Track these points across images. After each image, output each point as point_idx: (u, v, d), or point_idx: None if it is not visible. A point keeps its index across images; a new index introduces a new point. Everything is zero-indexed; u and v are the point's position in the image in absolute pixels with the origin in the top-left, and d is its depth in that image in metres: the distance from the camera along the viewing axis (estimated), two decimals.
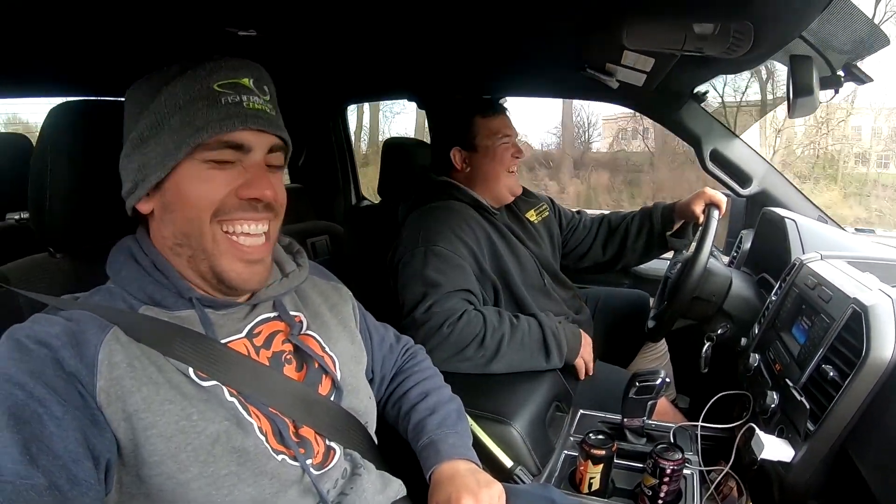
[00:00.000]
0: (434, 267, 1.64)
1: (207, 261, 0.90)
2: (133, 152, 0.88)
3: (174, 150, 0.85)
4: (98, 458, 0.74)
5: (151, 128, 0.86)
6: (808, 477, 1.09)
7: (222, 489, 0.82)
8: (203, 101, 0.85)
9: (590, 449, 1.32)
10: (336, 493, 0.97)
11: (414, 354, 1.34)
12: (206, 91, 0.86)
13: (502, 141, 1.83)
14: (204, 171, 0.87)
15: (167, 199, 0.88)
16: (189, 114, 0.85)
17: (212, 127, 0.85)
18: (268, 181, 0.90)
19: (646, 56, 1.49)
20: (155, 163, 0.86)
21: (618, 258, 2.17)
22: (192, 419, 0.81)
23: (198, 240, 0.88)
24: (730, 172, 2.21)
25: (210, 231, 0.88)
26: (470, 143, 1.84)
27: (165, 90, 0.86)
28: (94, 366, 0.77)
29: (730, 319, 1.75)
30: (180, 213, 0.88)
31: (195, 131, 0.84)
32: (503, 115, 1.87)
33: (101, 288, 0.92)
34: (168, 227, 0.90)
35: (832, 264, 1.37)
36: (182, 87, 0.86)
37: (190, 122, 0.84)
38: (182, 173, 0.86)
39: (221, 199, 0.87)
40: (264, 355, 0.96)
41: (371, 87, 2.81)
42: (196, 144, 0.84)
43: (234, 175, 0.89)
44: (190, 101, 0.85)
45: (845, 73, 1.50)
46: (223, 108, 0.86)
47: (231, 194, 0.88)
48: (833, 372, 1.08)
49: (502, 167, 1.85)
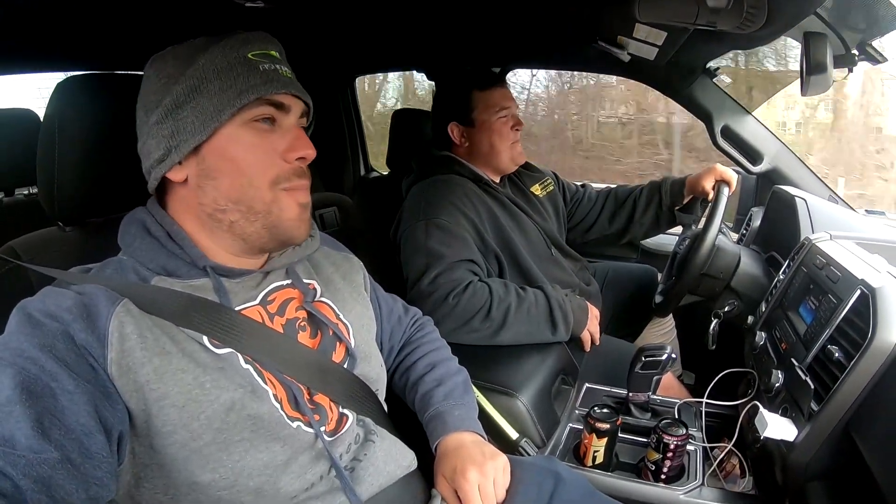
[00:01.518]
0: (437, 239, 1.64)
1: (260, 221, 0.92)
2: (165, 119, 0.88)
3: (215, 113, 0.86)
4: (110, 430, 0.75)
5: (189, 93, 0.87)
6: (811, 457, 1.09)
7: (234, 455, 0.83)
8: (242, 66, 0.88)
9: (594, 423, 1.34)
10: (349, 459, 0.99)
11: (422, 326, 1.35)
12: (242, 59, 0.89)
13: (500, 115, 1.82)
14: (248, 135, 0.89)
15: (208, 165, 0.89)
16: (230, 78, 0.87)
17: (255, 89, 0.87)
18: (308, 141, 0.95)
19: (658, 29, 1.48)
20: (193, 127, 0.87)
21: (624, 231, 2.17)
22: (206, 388, 0.82)
23: (252, 203, 0.91)
24: (741, 149, 2.20)
25: (270, 195, 0.91)
26: (467, 118, 1.83)
27: (203, 56, 0.88)
28: (105, 337, 0.78)
29: (737, 297, 1.75)
30: (228, 179, 0.90)
31: (238, 94, 0.87)
32: (501, 87, 1.86)
33: (112, 260, 0.92)
34: (208, 194, 0.90)
35: (841, 245, 1.37)
36: (220, 54, 0.88)
37: (231, 85, 0.87)
38: (225, 137, 0.88)
39: (274, 164, 0.91)
40: (278, 322, 0.97)
41: (380, 58, 2.78)
42: (241, 106, 0.87)
43: (276, 138, 0.92)
44: (229, 67, 0.87)
45: (860, 51, 1.48)
46: (262, 74, 0.89)
47: (279, 160, 0.92)
48: (839, 353, 1.09)
49: (502, 140, 1.84)
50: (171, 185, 0.93)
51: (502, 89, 1.85)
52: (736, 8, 1.15)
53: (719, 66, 2.11)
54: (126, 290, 0.84)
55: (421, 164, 1.92)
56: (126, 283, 0.87)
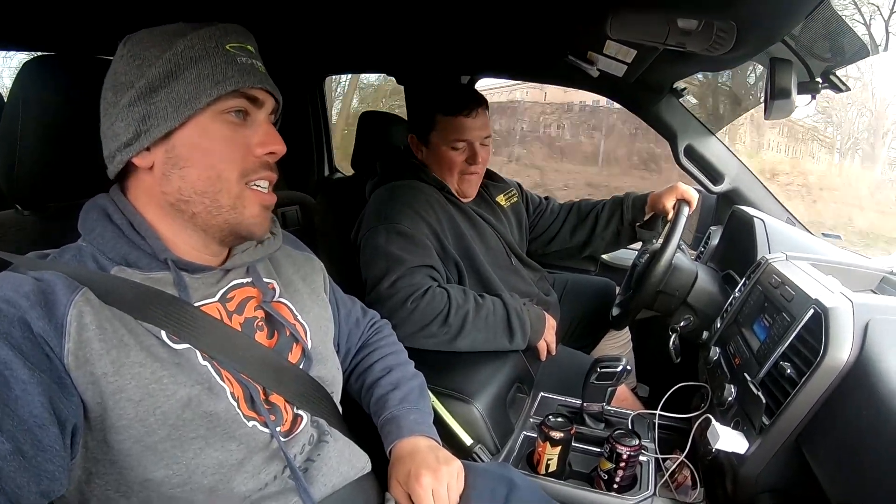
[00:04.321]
0: (397, 244, 1.64)
1: (224, 215, 0.91)
2: (137, 101, 0.85)
3: (190, 101, 0.85)
4: (64, 422, 0.72)
5: (164, 77, 0.84)
6: (761, 470, 1.11)
7: (188, 452, 0.81)
8: (220, 57, 0.87)
9: (549, 431, 1.34)
10: (303, 459, 0.97)
11: (380, 329, 1.35)
12: (220, 49, 0.87)
13: (454, 145, 1.77)
14: (220, 126, 0.88)
15: (178, 153, 0.87)
16: (207, 67, 0.85)
17: (231, 81, 0.86)
18: (279, 136, 0.95)
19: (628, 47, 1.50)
20: (165, 113, 0.85)
21: (585, 245, 2.18)
22: (163, 382, 0.79)
23: (217, 196, 0.90)
24: (703, 169, 2.24)
25: (237, 189, 0.91)
26: (425, 136, 1.81)
27: (181, 42, 0.85)
28: (63, 327, 0.75)
29: (693, 312, 1.78)
30: (197, 170, 0.88)
31: (214, 84, 0.85)
32: (468, 117, 1.75)
33: (71, 246, 0.89)
34: (174, 183, 0.88)
35: (796, 265, 1.40)
36: (199, 42, 0.86)
37: (209, 75, 0.85)
38: (197, 126, 0.87)
39: (244, 159, 0.91)
40: (237, 321, 0.95)
41: (350, 60, 2.76)
42: (217, 96, 0.85)
43: (248, 132, 0.91)
44: (206, 56, 0.86)
45: (823, 79, 1.53)
46: (240, 67, 0.88)
47: (249, 154, 0.91)
48: (790, 369, 1.11)
49: (450, 171, 1.82)
50: (134, 171, 0.90)
51: (469, 119, 1.75)
52: (706, 31, 1.18)
53: (686, 87, 2.15)
54: (85, 279, 0.81)
55: (385, 167, 1.91)
56: (85, 271, 0.84)
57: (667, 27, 1.21)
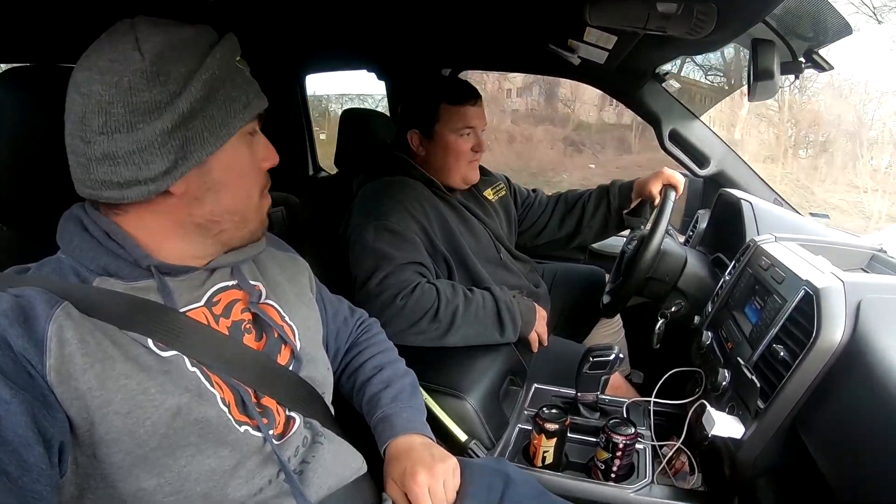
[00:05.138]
0: (386, 241, 1.62)
1: (248, 227, 0.95)
2: (177, 128, 0.80)
3: (224, 124, 0.84)
4: (50, 441, 0.70)
5: (202, 101, 0.81)
6: (758, 453, 1.11)
7: (180, 459, 0.80)
8: (239, 75, 0.87)
9: (543, 423, 1.34)
10: (297, 462, 0.96)
11: (369, 328, 1.33)
12: (235, 66, 0.87)
13: (462, 133, 1.78)
14: (244, 146, 0.90)
15: (213, 178, 0.87)
16: (234, 89, 0.85)
17: (255, 103, 0.88)
18: (273, 148, 0.97)
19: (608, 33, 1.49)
20: (202, 138, 0.83)
21: (574, 235, 2.17)
22: (150, 393, 0.78)
23: (246, 213, 0.93)
24: (688, 153, 2.23)
25: (258, 203, 0.95)
26: (429, 129, 1.79)
27: (209, 59, 0.83)
28: (44, 343, 0.72)
29: (684, 297, 1.78)
30: (231, 191, 0.89)
31: (244, 107, 0.86)
32: (473, 105, 1.78)
33: (51, 259, 0.87)
34: (206, 206, 0.88)
35: (786, 246, 1.39)
36: (223, 58, 0.85)
37: (237, 98, 0.85)
38: (231, 149, 0.87)
39: (262, 176, 0.95)
40: (224, 324, 0.93)
41: (331, 57, 2.74)
42: (249, 119, 0.87)
43: (257, 146, 0.93)
44: (230, 76, 0.85)
45: (806, 59, 1.52)
46: (253, 85, 0.90)
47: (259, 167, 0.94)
48: (784, 352, 1.11)
49: (458, 160, 1.81)
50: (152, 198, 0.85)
51: (474, 108, 1.79)
52: (686, 14, 1.16)
53: (668, 71, 2.14)
54: (66, 292, 0.79)
55: (373, 164, 1.89)
56: (66, 284, 0.82)
57: (646, 11, 1.20)
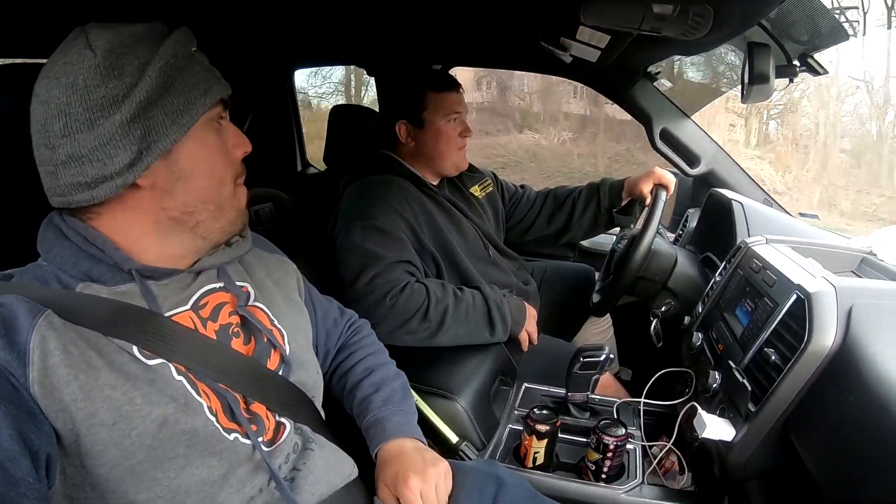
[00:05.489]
0: (373, 240, 1.61)
1: (225, 216, 0.93)
2: (136, 118, 0.79)
3: (185, 111, 0.83)
4: (37, 453, 0.68)
5: (159, 89, 0.80)
6: (749, 456, 1.12)
7: (169, 472, 0.79)
8: (196, 64, 0.86)
9: (534, 424, 1.34)
10: (288, 469, 0.95)
11: (359, 329, 1.32)
12: (191, 55, 0.86)
13: (451, 118, 1.80)
14: (212, 133, 0.89)
15: (181, 167, 0.85)
16: (192, 76, 0.84)
17: (216, 89, 0.87)
18: (244, 136, 0.95)
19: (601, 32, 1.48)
20: (164, 127, 0.81)
21: (563, 232, 2.17)
22: (136, 403, 0.76)
23: (221, 201, 0.91)
24: (679, 152, 2.23)
25: (231, 190, 0.93)
26: (417, 117, 1.79)
27: (163, 49, 0.82)
28: (26, 354, 0.71)
29: (674, 297, 1.78)
30: (202, 180, 0.88)
31: (204, 93, 0.85)
32: (456, 91, 1.82)
33: (33, 265, 0.85)
34: (178, 197, 0.86)
35: (777, 248, 1.40)
36: (177, 47, 0.84)
37: (196, 84, 0.84)
38: (196, 136, 0.86)
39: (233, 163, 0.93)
40: (211, 328, 0.92)
41: (319, 52, 2.72)
42: (210, 105, 0.86)
43: (225, 133, 0.92)
44: (187, 64, 0.84)
45: (801, 63, 1.52)
46: (212, 72, 0.88)
47: (229, 154, 0.92)
48: (775, 356, 1.11)
49: (449, 145, 1.82)
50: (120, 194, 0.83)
51: (457, 94, 1.82)
52: (681, 15, 1.15)
53: (660, 70, 2.14)
54: (48, 300, 0.77)
55: (359, 162, 1.88)
56: (48, 291, 0.80)
57: (642, 12, 1.19)
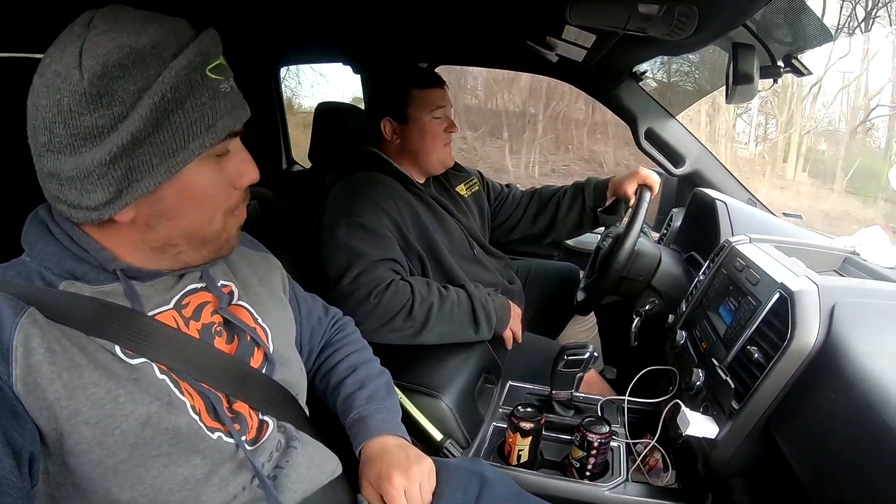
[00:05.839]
0: (358, 238, 1.61)
1: (209, 248, 0.89)
2: (119, 158, 0.74)
3: (178, 150, 0.76)
4: (20, 451, 0.67)
5: (148, 128, 0.73)
6: (732, 453, 1.13)
7: (152, 471, 0.78)
8: (206, 92, 0.77)
9: (518, 422, 1.34)
10: (271, 467, 0.94)
11: (343, 327, 1.31)
12: (203, 80, 0.77)
13: (435, 114, 1.80)
14: (207, 169, 0.82)
15: (165, 206, 0.80)
16: (195, 109, 0.76)
17: (223, 123, 0.79)
18: (254, 162, 0.88)
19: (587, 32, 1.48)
20: (151, 167, 0.76)
21: (548, 231, 2.17)
22: (119, 401, 0.75)
23: (206, 236, 0.87)
24: (664, 152, 2.25)
25: (222, 225, 0.88)
26: (402, 114, 1.80)
27: (162, 77, 0.73)
28: (9, 353, 0.70)
29: (658, 296, 1.79)
30: (188, 218, 0.83)
31: (206, 129, 0.77)
32: (440, 88, 1.83)
33: (16, 261, 0.83)
34: (160, 232, 0.83)
35: (760, 248, 1.40)
36: (182, 73, 0.74)
37: (198, 119, 0.76)
38: (187, 175, 0.79)
39: (229, 197, 0.87)
40: (194, 327, 0.91)
41: (306, 50, 2.71)
42: (210, 145, 0.78)
43: (228, 165, 0.85)
44: (191, 93, 0.76)
45: (785, 63, 1.53)
46: (226, 100, 0.80)
47: (231, 189, 0.86)
48: (758, 353, 1.12)
49: (434, 141, 1.82)
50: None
51: (441, 90, 1.83)
52: (667, 15, 1.16)
53: (645, 70, 2.15)
54: (31, 297, 0.76)
55: (345, 160, 1.87)
56: (31, 288, 0.79)
57: (628, 12, 1.19)
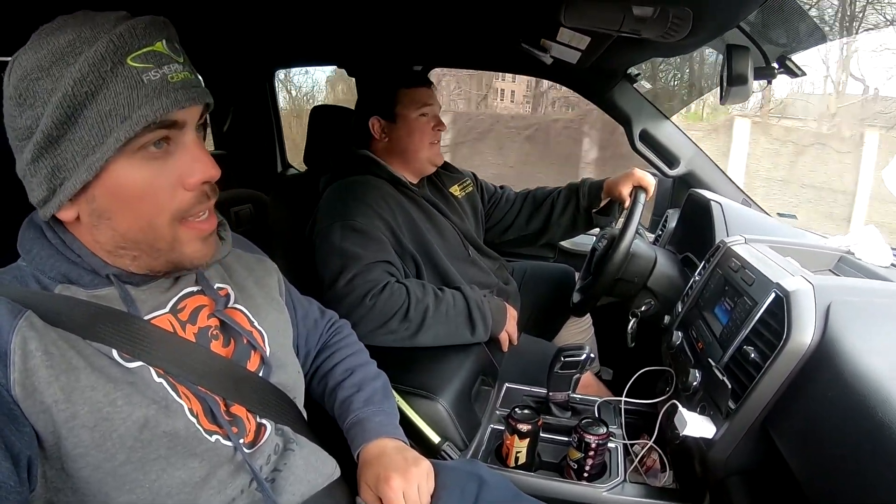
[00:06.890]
0: (352, 241, 1.61)
1: (163, 257, 0.83)
2: (42, 155, 0.75)
3: (97, 146, 0.73)
4: (18, 456, 0.67)
5: (61, 125, 0.72)
6: (730, 453, 1.13)
7: (150, 474, 0.78)
8: (121, 82, 0.72)
9: (516, 424, 1.34)
10: (269, 470, 0.94)
11: (339, 329, 1.31)
12: (120, 69, 0.72)
13: (422, 112, 1.81)
14: (139, 167, 0.76)
15: (100, 205, 0.78)
16: (108, 101, 0.72)
17: (142, 113, 0.73)
18: (210, 158, 0.82)
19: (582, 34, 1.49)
20: (73, 164, 0.74)
21: (542, 233, 2.17)
22: (117, 405, 0.75)
23: (153, 243, 0.81)
24: (658, 153, 2.25)
25: (171, 232, 0.81)
26: (390, 112, 1.81)
27: (67, 73, 0.71)
28: (7, 356, 0.70)
29: (654, 297, 1.80)
30: (126, 220, 0.79)
31: (121, 122, 0.72)
32: (427, 87, 1.85)
33: (12, 266, 0.84)
34: (105, 233, 0.80)
35: (755, 248, 1.41)
36: (90, 67, 0.71)
37: (112, 111, 0.72)
38: (115, 172, 0.75)
39: (175, 198, 0.80)
40: (190, 331, 0.90)
41: (300, 52, 2.72)
42: (126, 138, 0.73)
43: (173, 163, 0.79)
44: (104, 85, 0.72)
45: (779, 65, 1.54)
46: (147, 88, 0.73)
47: (179, 189, 0.80)
48: (754, 353, 1.12)
49: (422, 139, 1.83)
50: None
51: (427, 89, 1.84)
52: (661, 17, 1.16)
53: (640, 72, 2.15)
54: (28, 301, 0.76)
55: (338, 163, 1.88)
56: (28, 292, 0.79)
57: (621, 14, 1.20)
